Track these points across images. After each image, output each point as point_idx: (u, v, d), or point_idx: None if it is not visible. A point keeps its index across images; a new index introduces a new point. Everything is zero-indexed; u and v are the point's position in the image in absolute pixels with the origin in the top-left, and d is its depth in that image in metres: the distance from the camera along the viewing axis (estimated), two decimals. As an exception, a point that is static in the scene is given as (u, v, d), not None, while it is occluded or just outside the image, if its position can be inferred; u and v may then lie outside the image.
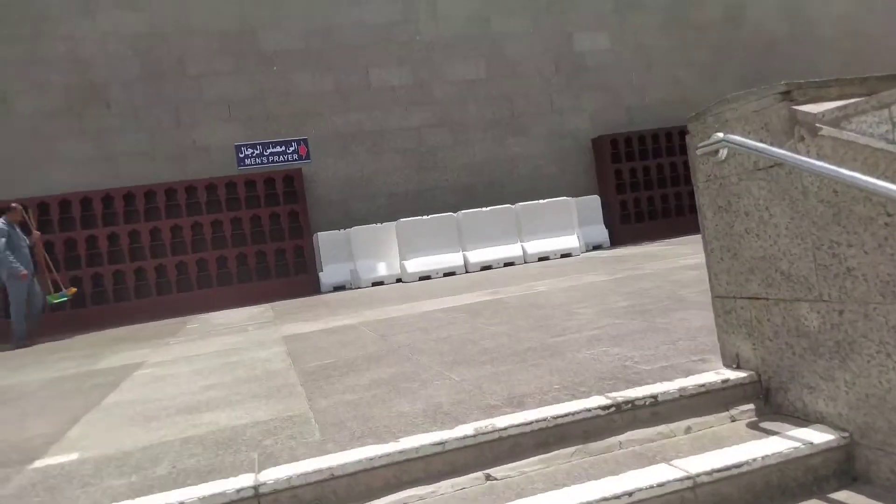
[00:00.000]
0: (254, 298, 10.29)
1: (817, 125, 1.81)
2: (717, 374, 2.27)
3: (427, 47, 11.97)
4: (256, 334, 6.02)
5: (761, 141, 2.02)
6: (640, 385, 2.28)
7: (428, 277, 10.30)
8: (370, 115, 11.62)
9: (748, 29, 13.47)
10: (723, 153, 2.20)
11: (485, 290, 7.01)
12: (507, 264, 10.59)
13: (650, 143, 12.44)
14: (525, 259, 10.71)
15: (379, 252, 10.73)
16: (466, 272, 10.42)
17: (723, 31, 13.36)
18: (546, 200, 11.20)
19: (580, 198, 11.81)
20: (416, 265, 10.38)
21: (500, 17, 12.33)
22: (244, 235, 10.71)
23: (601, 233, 11.92)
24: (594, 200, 12.05)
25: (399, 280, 10.51)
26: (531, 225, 10.96)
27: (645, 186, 12.37)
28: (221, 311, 9.62)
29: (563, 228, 11.04)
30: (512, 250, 10.77)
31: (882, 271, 1.71)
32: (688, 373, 2.35)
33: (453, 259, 10.55)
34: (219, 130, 11.00)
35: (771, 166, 2.03)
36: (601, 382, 2.43)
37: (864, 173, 1.64)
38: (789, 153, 1.83)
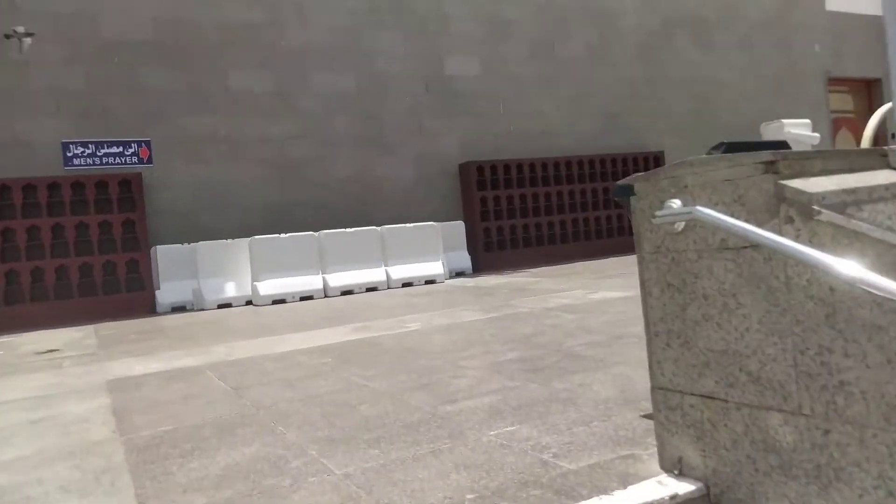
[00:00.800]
0: (76, 317, 8.87)
1: (815, 207, 1.50)
2: (661, 484, 1.92)
3: (293, 54, 11.19)
4: (74, 374, 4.97)
5: (733, 215, 1.70)
6: (575, 500, 1.87)
7: (282, 301, 9.47)
8: (227, 121, 10.60)
9: (608, 67, 14.09)
10: (679, 225, 1.87)
11: (351, 323, 6.42)
12: (369, 289, 10.04)
13: (515, 173, 12.54)
14: (388, 284, 10.23)
15: (228, 271, 9.73)
16: (326, 296, 9.73)
17: (585, 67, 13.86)
18: (413, 225, 10.82)
19: (446, 223, 11.57)
20: (269, 287, 9.51)
21: (372, 32, 11.86)
22: (67, 245, 9.24)
23: (465, 259, 11.75)
24: (459, 226, 11.88)
25: (249, 302, 9.59)
26: (396, 249, 10.52)
27: (508, 215, 12.42)
28: (35, 333, 8.16)
29: (429, 254, 10.71)
30: (375, 275, 10.24)
31: (889, 392, 1.42)
32: (624, 479, 1.98)
33: (312, 282, 9.81)
34: (45, 125, 9.45)
35: (744, 247, 1.71)
36: (524, 490, 1.99)
37: (874, 271, 1.34)
38: (784, 240, 1.51)
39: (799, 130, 13.76)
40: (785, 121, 13.84)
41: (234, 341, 5.96)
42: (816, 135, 14.13)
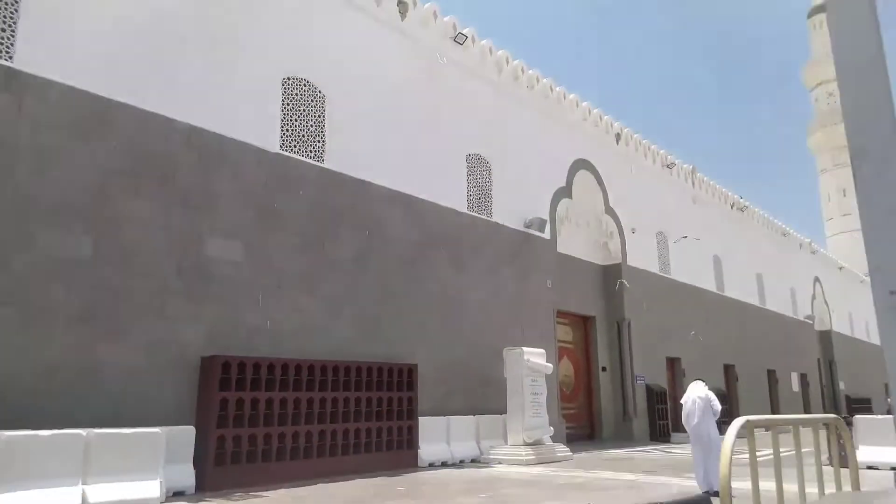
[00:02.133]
0: None
1: None
2: None
3: (19, 201, 9.31)
4: None
5: None
6: None
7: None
8: None
9: (371, 273, 14.18)
10: None
11: None
12: (52, 519, 7.73)
13: (265, 373, 11.39)
14: (83, 511, 8.01)
15: None
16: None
17: (350, 270, 13.79)
18: (131, 431, 8.93)
19: (173, 427, 9.82)
20: None
21: (124, 193, 10.52)
22: None
23: (188, 475, 9.89)
24: (188, 433, 10.15)
25: None
26: (104, 461, 8.47)
27: (250, 422, 11.02)
28: None
29: (145, 470, 8.79)
30: (68, 496, 7.99)
31: None
32: None
33: (-33, 507, 7.28)
34: None
35: None
36: None
37: None
38: None
39: (536, 360, 14.97)
40: (525, 349, 15.00)
41: None
42: (550, 365, 15.49)
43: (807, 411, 35.21)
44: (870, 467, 12.02)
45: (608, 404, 21.39)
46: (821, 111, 71.31)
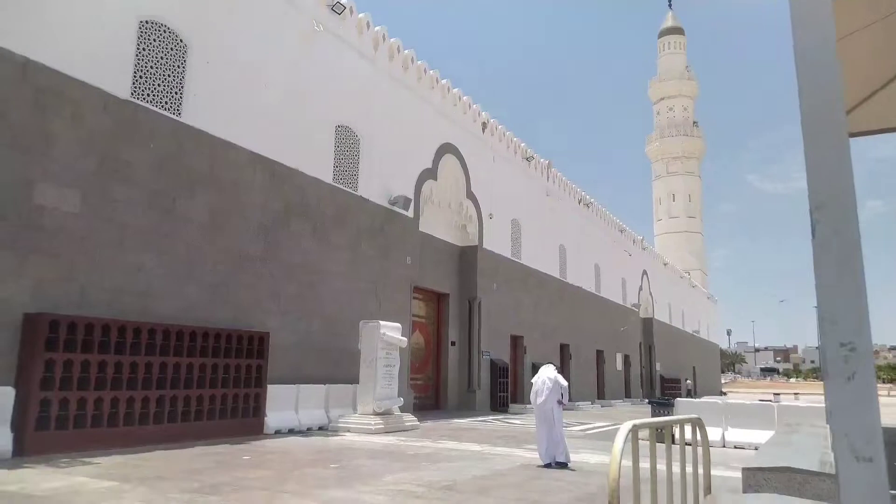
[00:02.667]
0: None
1: None
2: None
3: None
4: None
5: None
6: None
7: None
8: None
9: (226, 237, 13.61)
10: None
11: None
12: None
13: (99, 335, 10.58)
14: None
15: None
16: None
17: (203, 230, 13.14)
18: (-65, 391, 7.95)
19: (-12, 389, 8.87)
20: None
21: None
22: None
23: (5, 438, 9.02)
24: (6, 395, 9.24)
25: None
26: None
27: (81, 385, 10.21)
28: None
29: (-49, 435, 7.87)
30: None
31: None
32: None
33: None
34: None
35: None
36: None
37: None
38: None
39: (392, 333, 15.21)
40: (382, 322, 15.17)
41: None
42: (404, 339, 15.81)
43: (628, 389, 38.92)
44: (736, 447, 13.58)
45: (454, 376, 22.25)
46: (660, 124, 78.15)
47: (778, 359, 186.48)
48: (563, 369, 28.85)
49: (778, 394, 47.52)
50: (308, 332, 15.53)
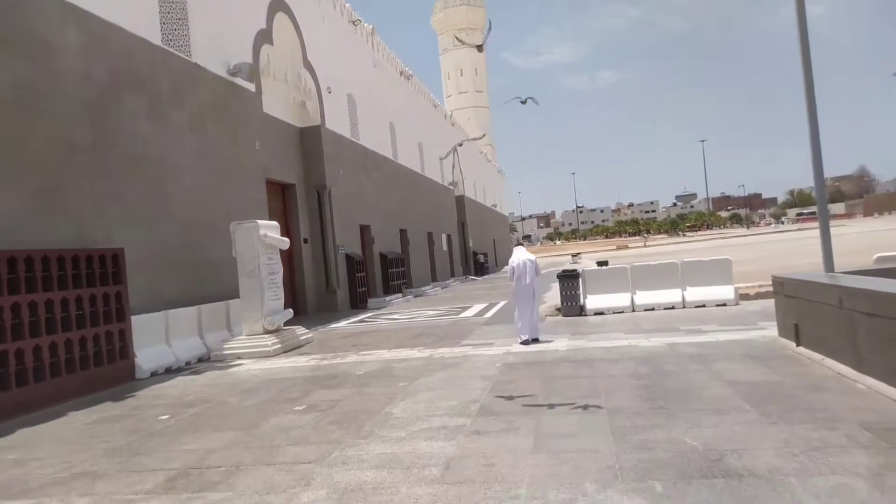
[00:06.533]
0: None
1: None
2: None
3: None
4: None
5: None
6: None
7: None
8: None
9: (44, 120, 9.57)
10: None
11: None
12: None
13: None
14: None
15: None
16: None
17: (11, 114, 9.05)
18: None
19: None
20: None
21: None
22: None
23: None
24: None
25: None
26: None
27: None
28: None
29: None
30: None
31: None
32: None
33: None
34: None
35: None
36: None
37: None
38: None
39: (273, 234, 12.63)
40: (260, 222, 12.49)
41: None
42: (286, 239, 13.27)
43: (452, 267, 39.58)
44: (596, 313, 13.54)
45: (311, 277, 20.00)
46: (445, -8, 76.16)
47: (541, 224, 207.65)
48: (403, 254, 27.91)
49: (577, 254, 52.44)
50: (162, 244, 12.23)
